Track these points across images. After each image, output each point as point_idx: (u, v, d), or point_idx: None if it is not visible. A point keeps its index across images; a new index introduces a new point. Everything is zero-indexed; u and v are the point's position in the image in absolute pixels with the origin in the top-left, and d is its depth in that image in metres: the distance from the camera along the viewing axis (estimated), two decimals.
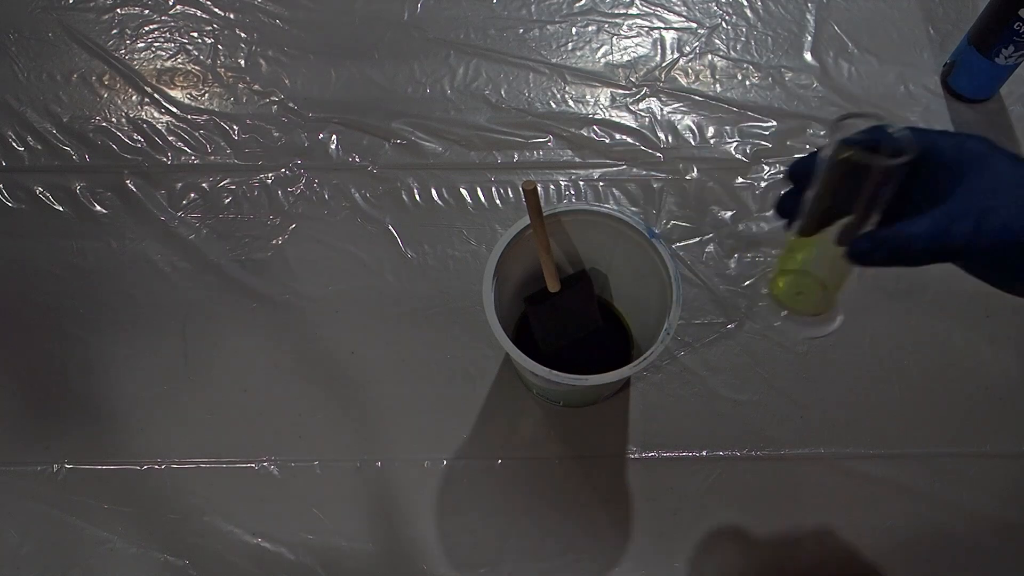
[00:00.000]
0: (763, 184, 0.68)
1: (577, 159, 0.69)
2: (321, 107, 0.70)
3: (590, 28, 0.74)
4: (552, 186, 0.67)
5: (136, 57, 0.73)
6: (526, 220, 0.50)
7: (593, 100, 0.71)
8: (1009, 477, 0.59)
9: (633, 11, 0.75)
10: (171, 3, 0.74)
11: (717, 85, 0.72)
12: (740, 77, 0.72)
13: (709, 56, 0.73)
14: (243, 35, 0.73)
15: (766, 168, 0.68)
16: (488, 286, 0.49)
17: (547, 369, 0.47)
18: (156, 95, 0.71)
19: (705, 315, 0.63)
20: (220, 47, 0.73)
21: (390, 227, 0.66)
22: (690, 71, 0.72)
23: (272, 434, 0.60)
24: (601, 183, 0.68)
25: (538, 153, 0.69)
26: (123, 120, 0.70)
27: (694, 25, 0.74)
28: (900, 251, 0.34)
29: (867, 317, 0.63)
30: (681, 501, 0.58)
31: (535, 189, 0.46)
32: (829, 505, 0.58)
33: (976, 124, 0.70)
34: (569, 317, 0.56)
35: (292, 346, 0.62)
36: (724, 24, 0.74)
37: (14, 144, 0.69)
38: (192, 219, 0.67)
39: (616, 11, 0.75)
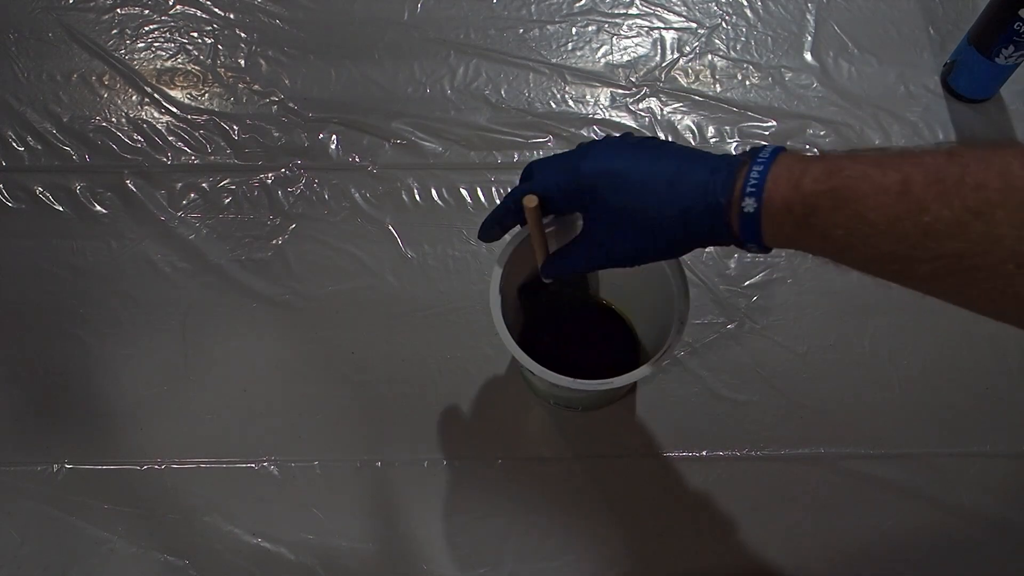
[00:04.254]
0: None
1: None
2: (321, 107, 0.70)
3: (590, 28, 0.74)
4: None
5: (136, 57, 0.73)
6: (506, 252, 0.50)
7: (593, 100, 0.71)
8: (1009, 477, 0.59)
9: (633, 11, 0.75)
10: (171, 3, 0.74)
11: (717, 85, 0.72)
12: (740, 77, 0.72)
13: (709, 56, 0.73)
14: (243, 35, 0.73)
15: None
16: (495, 299, 0.48)
17: (570, 379, 0.47)
18: (156, 95, 0.71)
19: (705, 315, 0.63)
20: (220, 47, 0.73)
21: (390, 227, 0.66)
22: (690, 71, 0.72)
23: (272, 434, 0.60)
24: None
25: (538, 153, 0.69)
26: (123, 120, 0.70)
27: (694, 25, 0.74)
28: (566, 274, 0.48)
29: (867, 317, 0.63)
30: (681, 501, 0.58)
31: (538, 206, 0.45)
32: (829, 505, 0.58)
33: (976, 124, 0.70)
34: (559, 296, 0.56)
35: (292, 346, 0.62)
36: (724, 24, 0.74)
37: (14, 144, 0.69)
38: (192, 219, 0.66)
39: (616, 11, 0.75)
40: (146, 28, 0.74)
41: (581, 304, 0.60)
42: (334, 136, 0.69)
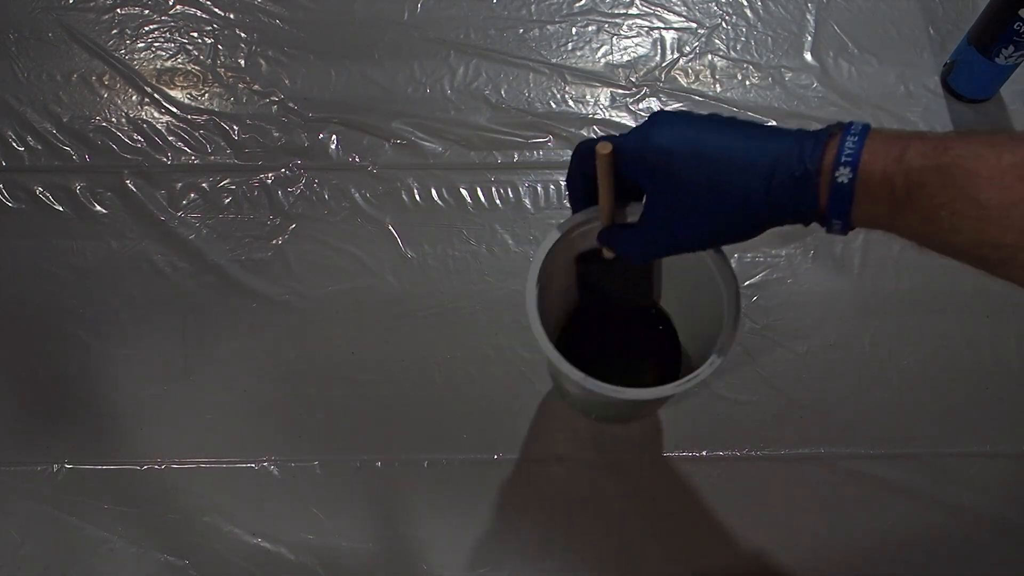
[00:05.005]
0: None
1: None
2: (321, 107, 0.70)
3: (590, 28, 0.74)
4: (552, 186, 0.67)
5: (136, 57, 0.73)
6: (559, 232, 0.46)
7: (593, 100, 0.71)
8: (1009, 477, 0.59)
9: (633, 11, 0.75)
10: (171, 3, 0.74)
11: (717, 85, 0.72)
12: (740, 77, 0.72)
13: (709, 56, 0.73)
14: (243, 35, 0.73)
15: None
16: (532, 290, 0.45)
17: (595, 381, 0.44)
18: (156, 95, 0.71)
19: None
20: (220, 47, 0.73)
21: (390, 227, 0.66)
22: (690, 71, 0.72)
23: (272, 434, 0.60)
24: None
25: (538, 153, 0.69)
26: (123, 120, 0.70)
27: (694, 25, 0.74)
28: (621, 253, 0.45)
29: (867, 317, 0.63)
30: (681, 501, 0.58)
31: (611, 153, 0.41)
32: (829, 505, 0.58)
33: (976, 124, 0.70)
34: (620, 285, 0.53)
35: (292, 346, 0.62)
36: (724, 24, 0.74)
37: (14, 144, 0.69)
38: (192, 219, 0.66)
39: (616, 11, 0.75)
40: (146, 28, 0.74)
41: (638, 307, 0.57)
42: (334, 136, 0.69)
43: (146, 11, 0.74)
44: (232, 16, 0.74)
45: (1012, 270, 0.33)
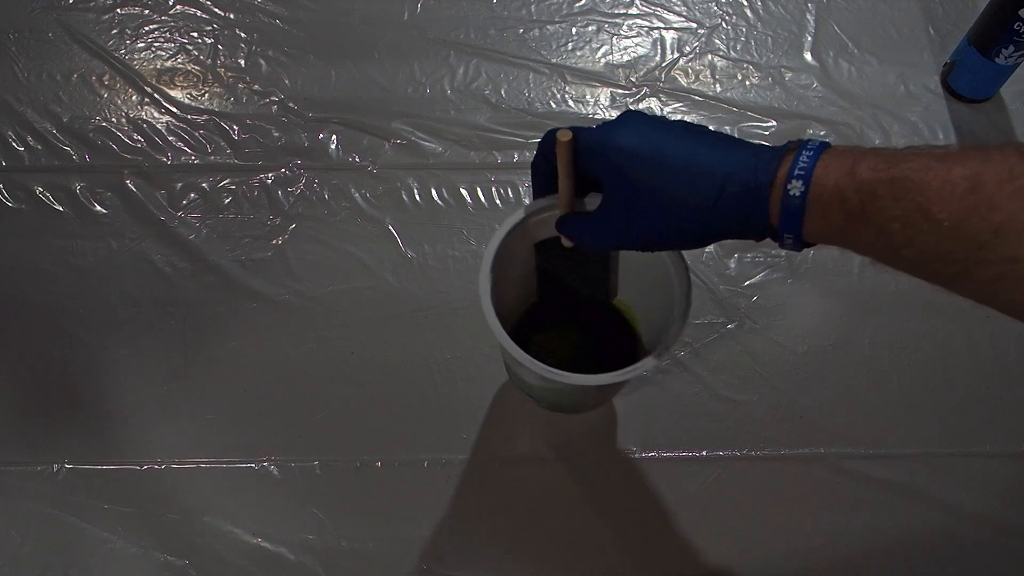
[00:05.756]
0: None
1: None
2: (321, 107, 0.70)
3: (590, 28, 0.74)
4: None
5: (136, 57, 0.73)
6: (519, 215, 0.47)
7: (593, 100, 0.71)
8: (1009, 477, 0.59)
9: (633, 11, 0.75)
10: (171, 3, 0.74)
11: (717, 85, 0.72)
12: (740, 77, 0.72)
13: (709, 56, 0.73)
14: (243, 35, 0.73)
15: None
16: (486, 274, 0.46)
17: (533, 360, 0.44)
18: (156, 95, 0.71)
19: (705, 315, 0.63)
20: (220, 47, 0.73)
21: (390, 227, 0.66)
22: (690, 71, 0.72)
23: (272, 434, 0.60)
24: None
25: None
26: (123, 120, 0.70)
27: (694, 25, 0.74)
28: (575, 241, 0.45)
29: (867, 317, 0.63)
30: (681, 501, 0.58)
31: (572, 140, 0.41)
32: (829, 505, 0.58)
33: (976, 124, 0.70)
34: (576, 275, 0.53)
35: (292, 346, 0.62)
36: (724, 24, 0.74)
37: (14, 144, 0.69)
38: (192, 219, 0.67)
39: (616, 11, 0.75)
40: (146, 28, 0.74)
41: (594, 304, 0.57)
42: (334, 136, 0.69)
43: (146, 11, 0.74)
44: (232, 16, 0.74)
45: (965, 285, 0.32)
